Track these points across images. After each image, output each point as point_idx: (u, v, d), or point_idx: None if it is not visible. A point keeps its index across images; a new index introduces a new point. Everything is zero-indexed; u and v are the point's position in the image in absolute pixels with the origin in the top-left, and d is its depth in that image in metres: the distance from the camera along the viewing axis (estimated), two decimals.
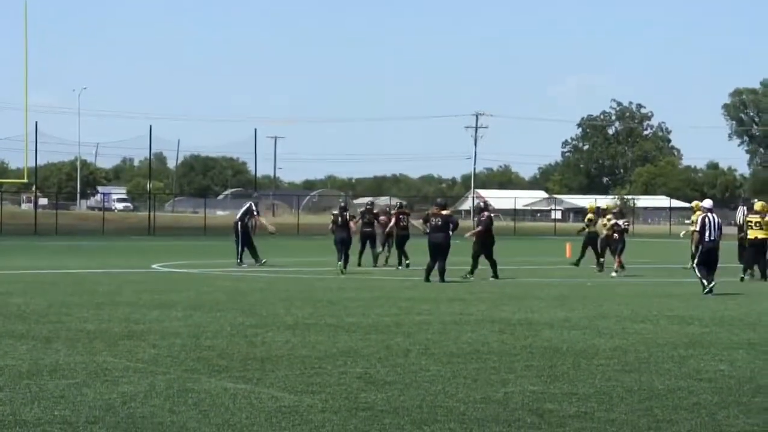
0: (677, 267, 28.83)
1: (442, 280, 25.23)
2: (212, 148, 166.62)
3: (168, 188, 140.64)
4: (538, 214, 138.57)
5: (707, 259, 23.06)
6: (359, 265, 31.55)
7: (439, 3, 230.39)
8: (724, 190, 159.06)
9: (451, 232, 25.88)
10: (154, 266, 31.73)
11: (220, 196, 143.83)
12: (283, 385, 10.66)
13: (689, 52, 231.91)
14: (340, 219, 29.94)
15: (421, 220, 28.70)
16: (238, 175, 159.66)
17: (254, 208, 33.29)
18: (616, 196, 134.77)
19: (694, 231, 24.01)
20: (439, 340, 14.24)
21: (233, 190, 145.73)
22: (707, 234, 23.11)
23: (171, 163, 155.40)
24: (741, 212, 32.78)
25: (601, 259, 30.67)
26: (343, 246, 29.20)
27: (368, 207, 33.97)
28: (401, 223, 32.08)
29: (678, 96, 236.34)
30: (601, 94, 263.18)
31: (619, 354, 13.09)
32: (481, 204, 31.20)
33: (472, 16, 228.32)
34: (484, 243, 27.25)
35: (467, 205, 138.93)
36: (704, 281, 22.81)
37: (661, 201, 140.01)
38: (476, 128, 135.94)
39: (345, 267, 28.56)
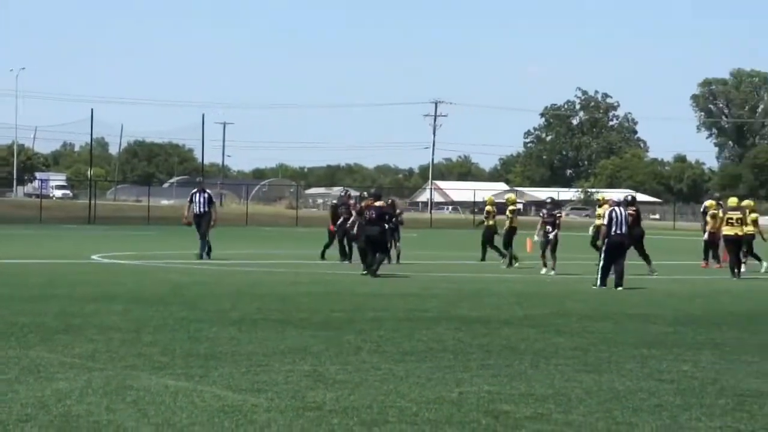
0: (641, 263, 28.98)
1: (374, 273, 25.20)
2: (157, 134, 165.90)
3: (110, 175, 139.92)
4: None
5: (614, 253, 23.63)
6: (323, 258, 31.31)
7: None
8: (692, 184, 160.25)
9: (387, 225, 26.20)
10: (93, 257, 31.55)
11: (165, 185, 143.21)
12: (227, 383, 10.63)
13: (658, 41, 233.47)
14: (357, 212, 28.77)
15: (355, 213, 28.38)
16: (185, 162, 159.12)
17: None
18: (579, 189, 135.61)
19: (602, 224, 24.58)
20: (392, 337, 14.25)
21: (179, 178, 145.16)
22: (614, 228, 23.69)
23: (113, 149, 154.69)
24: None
25: (504, 252, 30.54)
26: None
27: (342, 196, 33.04)
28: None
29: (645, 86, 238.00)
30: (565, 83, 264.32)
31: (578, 353, 13.16)
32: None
33: (432, 2, 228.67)
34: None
35: (425, 196, 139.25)
36: (601, 276, 23.58)
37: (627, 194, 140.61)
38: (435, 116, 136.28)
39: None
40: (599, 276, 23.69)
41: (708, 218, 33.06)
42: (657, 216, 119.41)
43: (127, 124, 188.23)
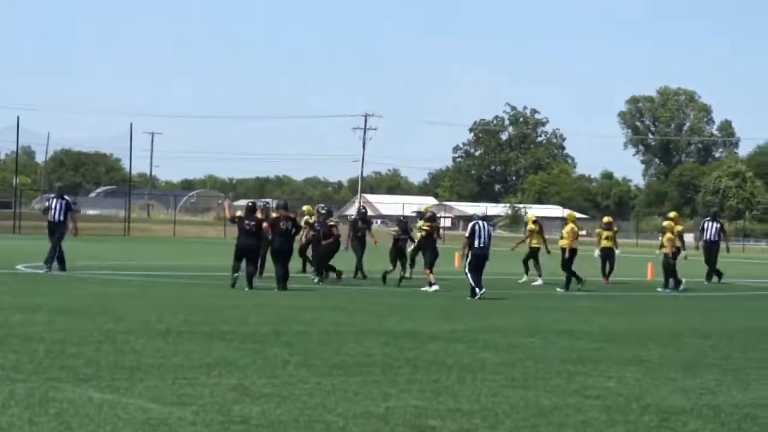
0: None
1: (284, 287, 25.10)
2: (85, 143, 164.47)
3: (36, 184, 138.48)
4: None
5: (477, 264, 24.59)
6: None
7: (328, 1, 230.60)
8: (619, 201, 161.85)
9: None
10: (18, 267, 31.18)
11: (92, 194, 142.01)
12: (153, 395, 10.54)
13: (586, 58, 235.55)
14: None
15: (266, 225, 27.71)
16: (112, 172, 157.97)
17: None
18: (507, 205, 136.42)
19: (465, 237, 25.28)
20: (320, 350, 14.23)
21: (106, 187, 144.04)
22: (477, 241, 24.61)
23: (40, 158, 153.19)
24: (709, 226, 33.95)
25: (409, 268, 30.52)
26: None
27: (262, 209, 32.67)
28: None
29: (573, 102, 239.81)
30: (494, 99, 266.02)
31: (505, 369, 13.21)
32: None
33: (363, 13, 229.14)
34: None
35: (354, 209, 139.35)
36: (476, 288, 24.27)
37: (554, 210, 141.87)
38: (365, 130, 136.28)
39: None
40: (475, 290, 24.37)
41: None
42: (584, 232, 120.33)
43: (54, 133, 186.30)
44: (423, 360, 13.73)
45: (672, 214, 31.42)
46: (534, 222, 31.98)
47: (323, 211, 29.49)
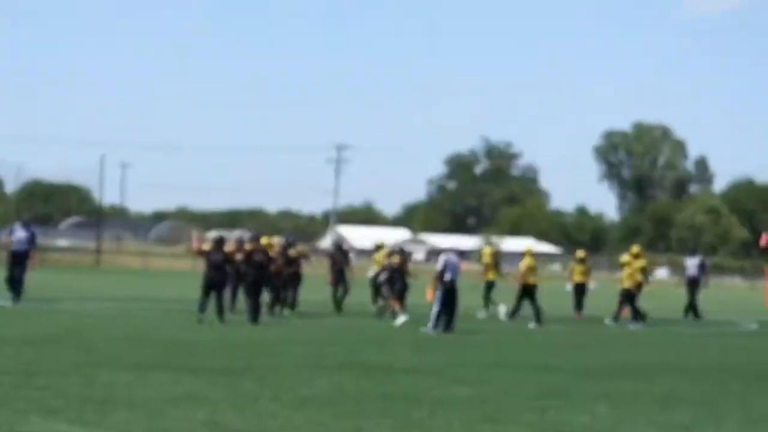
0: (550, 313, 29.18)
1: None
2: (56, 174, 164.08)
3: (5, 215, 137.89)
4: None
5: (449, 298, 24.88)
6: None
7: (301, 31, 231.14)
8: (593, 235, 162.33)
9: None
10: None
11: (62, 225, 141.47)
12: (123, 428, 10.51)
13: (561, 92, 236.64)
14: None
15: (241, 257, 27.33)
16: (82, 203, 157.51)
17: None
18: (482, 236, 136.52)
19: (436, 272, 25.52)
20: (292, 384, 14.20)
21: (76, 219, 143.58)
22: (447, 274, 25.03)
23: (10, 188, 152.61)
24: (690, 262, 34.21)
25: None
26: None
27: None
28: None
29: (548, 136, 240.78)
30: (469, 132, 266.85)
31: (477, 403, 13.21)
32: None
33: (336, 44, 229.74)
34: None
35: (327, 242, 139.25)
36: (436, 322, 24.57)
37: (527, 244, 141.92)
38: (338, 161, 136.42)
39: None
40: (433, 321, 24.58)
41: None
42: (557, 267, 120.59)
43: (25, 164, 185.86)
44: (395, 394, 13.73)
45: (635, 249, 31.46)
46: (491, 255, 31.98)
47: (284, 242, 29.31)
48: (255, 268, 25.74)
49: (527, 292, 28.54)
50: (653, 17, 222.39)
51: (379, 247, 31.62)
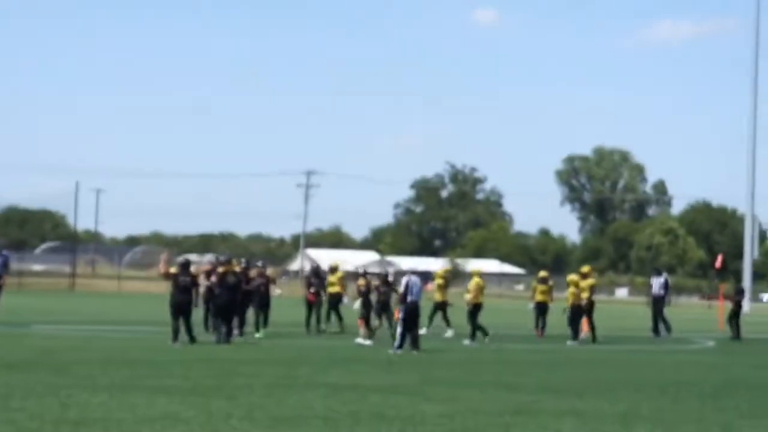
0: (514, 332, 29.31)
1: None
2: (32, 200, 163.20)
3: None
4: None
5: (411, 318, 24.86)
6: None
7: (269, 57, 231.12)
8: (555, 257, 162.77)
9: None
10: None
11: (37, 250, 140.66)
12: None
13: (524, 117, 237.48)
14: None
15: (215, 280, 27.05)
16: (58, 228, 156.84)
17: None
18: (448, 259, 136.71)
19: (400, 293, 25.59)
20: (263, 403, 14.15)
21: (51, 243, 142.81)
22: (410, 296, 25.00)
23: None
24: (656, 282, 34.39)
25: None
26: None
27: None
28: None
29: (511, 161, 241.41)
30: (435, 156, 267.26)
31: (445, 421, 13.20)
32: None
33: (304, 71, 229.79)
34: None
35: (296, 265, 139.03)
36: (400, 339, 24.58)
37: (492, 265, 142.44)
38: (307, 186, 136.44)
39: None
40: (398, 341, 24.56)
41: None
42: (522, 287, 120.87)
43: (0, 191, 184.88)
44: (364, 412, 13.70)
45: (584, 269, 31.61)
46: (442, 277, 31.87)
47: (243, 265, 28.81)
48: (227, 289, 25.69)
49: (474, 311, 28.45)
50: (613, 45, 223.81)
51: (333, 270, 31.62)
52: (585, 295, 30.27)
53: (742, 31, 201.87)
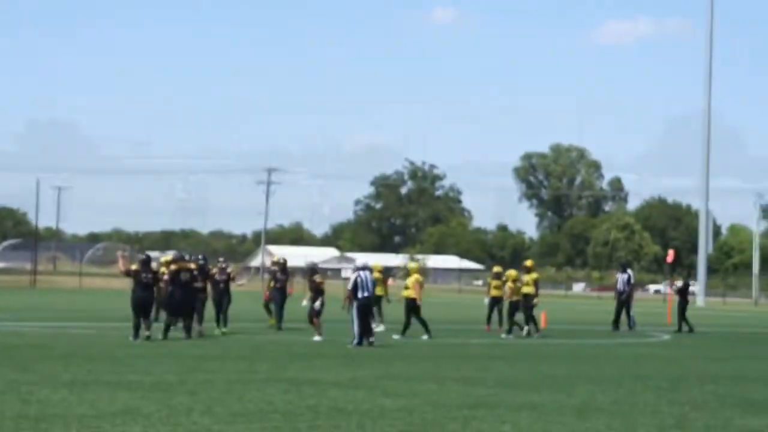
0: (473, 327, 29.35)
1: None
2: None
3: None
4: (329, 273, 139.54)
5: (363, 313, 24.85)
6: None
7: (232, 52, 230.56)
8: (513, 252, 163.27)
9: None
10: None
11: None
12: None
13: (482, 115, 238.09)
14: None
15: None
16: (18, 226, 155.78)
17: None
18: (407, 255, 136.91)
19: (349, 289, 25.34)
20: (224, 398, 14.12)
21: (12, 241, 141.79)
22: (360, 291, 24.98)
23: None
24: (620, 278, 34.55)
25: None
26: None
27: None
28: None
29: (469, 158, 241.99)
30: (394, 154, 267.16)
31: (404, 414, 13.21)
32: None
33: (265, 67, 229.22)
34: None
35: (257, 261, 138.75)
36: (361, 337, 24.61)
37: (451, 261, 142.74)
38: (268, 184, 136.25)
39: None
40: (357, 337, 24.61)
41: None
42: (480, 282, 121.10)
43: None
44: (324, 407, 13.69)
45: (527, 263, 31.80)
46: (379, 272, 31.74)
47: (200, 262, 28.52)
48: (180, 287, 25.50)
49: (412, 306, 28.32)
50: (570, 43, 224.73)
51: (276, 264, 31.52)
52: (530, 289, 30.35)
53: (697, 30, 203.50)
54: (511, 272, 31.01)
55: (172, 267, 26.11)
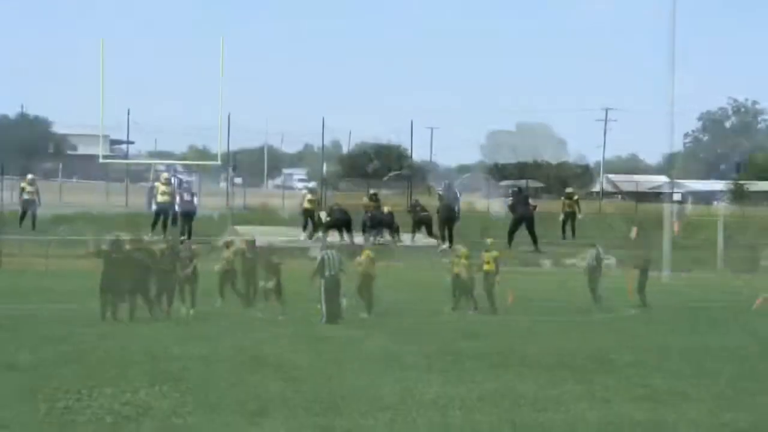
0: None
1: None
2: None
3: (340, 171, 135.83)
4: (660, 196, 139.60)
5: (331, 291, 25.02)
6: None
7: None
8: (482, 229, 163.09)
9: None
10: None
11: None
12: None
13: (447, 94, 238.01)
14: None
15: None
16: None
17: None
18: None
19: (315, 268, 25.61)
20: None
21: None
22: (327, 270, 25.14)
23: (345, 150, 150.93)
24: (589, 253, 34.41)
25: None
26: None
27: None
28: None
29: (435, 136, 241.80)
30: (361, 130, 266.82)
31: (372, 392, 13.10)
32: None
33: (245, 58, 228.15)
34: None
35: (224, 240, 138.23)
36: (325, 315, 24.77)
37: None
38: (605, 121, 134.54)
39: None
40: (324, 314, 24.75)
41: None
42: (447, 260, 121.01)
43: (355, 130, 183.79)
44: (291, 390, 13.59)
45: (489, 240, 31.77)
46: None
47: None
48: (135, 267, 25.01)
49: (368, 282, 28.07)
50: (539, 21, 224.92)
51: (228, 245, 30.80)
52: (490, 267, 30.16)
53: (661, 7, 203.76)
54: (464, 250, 30.93)
55: (127, 247, 25.54)
